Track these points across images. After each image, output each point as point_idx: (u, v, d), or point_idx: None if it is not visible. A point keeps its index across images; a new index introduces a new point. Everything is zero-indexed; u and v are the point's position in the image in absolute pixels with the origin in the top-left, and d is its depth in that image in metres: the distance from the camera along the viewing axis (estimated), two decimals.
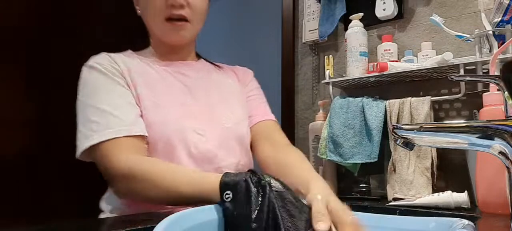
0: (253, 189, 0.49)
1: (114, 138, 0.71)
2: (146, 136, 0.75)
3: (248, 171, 0.54)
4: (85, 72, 0.80)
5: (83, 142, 0.72)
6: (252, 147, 0.91)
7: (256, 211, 0.47)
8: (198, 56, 0.98)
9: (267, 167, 0.83)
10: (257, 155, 0.89)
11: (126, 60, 0.83)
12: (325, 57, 1.41)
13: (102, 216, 0.83)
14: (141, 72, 0.82)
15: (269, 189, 0.48)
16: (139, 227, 0.56)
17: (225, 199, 0.52)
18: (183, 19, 0.82)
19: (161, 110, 0.78)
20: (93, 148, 0.71)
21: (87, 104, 0.76)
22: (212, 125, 0.82)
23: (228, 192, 0.52)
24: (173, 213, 0.47)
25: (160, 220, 0.43)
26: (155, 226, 0.40)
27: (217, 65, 0.98)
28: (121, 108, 0.75)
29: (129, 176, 0.67)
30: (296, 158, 0.81)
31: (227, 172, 0.56)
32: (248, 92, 0.97)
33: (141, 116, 0.77)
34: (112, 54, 0.84)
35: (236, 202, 0.51)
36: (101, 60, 0.81)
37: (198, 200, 0.59)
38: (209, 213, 0.52)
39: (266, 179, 0.50)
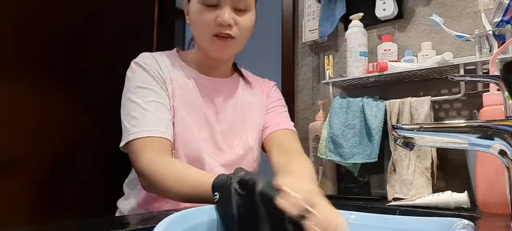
0: (234, 190, 0.49)
1: (149, 137, 0.79)
2: (172, 142, 0.84)
3: (236, 169, 0.55)
4: (133, 67, 0.88)
5: (125, 135, 0.81)
6: (268, 153, 0.97)
7: (238, 212, 0.47)
8: (235, 68, 1.03)
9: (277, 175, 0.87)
10: (271, 163, 0.94)
11: (169, 66, 0.90)
12: (325, 57, 1.41)
13: (122, 200, 0.96)
14: (181, 83, 0.89)
15: (252, 190, 0.48)
16: (139, 227, 0.56)
17: (214, 201, 0.53)
18: (229, 36, 0.86)
19: (186, 127, 0.86)
20: (129, 142, 0.80)
21: (130, 99, 0.84)
22: (227, 150, 0.91)
23: (216, 193, 0.53)
24: (172, 213, 0.47)
25: (160, 220, 0.43)
26: (155, 226, 0.40)
27: (247, 80, 1.03)
28: (159, 110, 0.83)
29: (147, 177, 0.77)
30: (300, 165, 0.85)
31: (221, 174, 0.59)
32: (268, 105, 1.02)
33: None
34: (157, 56, 0.90)
35: (222, 202, 0.51)
36: (148, 60, 0.88)
37: (203, 201, 0.63)
38: (209, 213, 0.52)
39: (251, 180, 0.49)
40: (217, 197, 0.52)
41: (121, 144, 0.83)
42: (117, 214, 0.98)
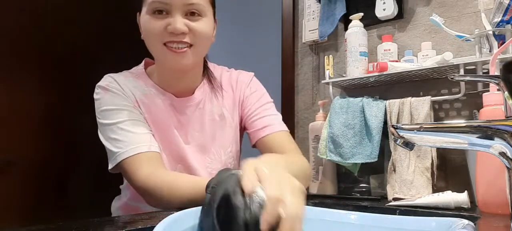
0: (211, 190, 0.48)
1: (137, 154, 0.79)
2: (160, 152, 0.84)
3: (220, 171, 0.53)
4: (100, 93, 0.86)
5: (111, 159, 0.82)
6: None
7: (215, 211, 0.46)
8: (204, 72, 0.96)
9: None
10: None
11: (132, 88, 0.87)
12: (325, 57, 1.41)
13: (116, 201, 0.97)
14: (147, 104, 0.87)
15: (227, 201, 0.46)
16: (139, 227, 0.56)
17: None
18: (185, 45, 0.80)
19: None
20: (119, 164, 0.80)
21: (106, 124, 0.82)
22: (199, 171, 0.90)
23: (208, 193, 0.52)
24: (173, 213, 0.47)
25: (160, 220, 0.43)
26: (155, 226, 0.40)
27: (217, 87, 0.96)
28: (138, 127, 0.83)
29: (145, 193, 0.78)
30: (292, 164, 0.82)
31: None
32: (250, 108, 0.96)
33: None
34: (120, 80, 0.87)
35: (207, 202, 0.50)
36: (111, 83, 0.86)
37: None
38: None
39: (223, 176, 0.48)
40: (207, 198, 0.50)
41: (110, 167, 0.82)
42: (113, 215, 0.99)
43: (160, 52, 0.82)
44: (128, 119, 0.82)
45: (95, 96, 0.86)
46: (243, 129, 1.00)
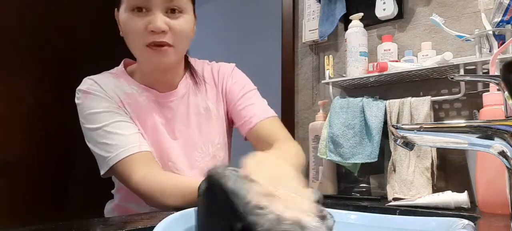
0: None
1: (128, 156, 0.77)
2: (151, 151, 0.83)
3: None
4: (81, 98, 0.83)
5: (102, 164, 0.80)
6: (254, 148, 0.92)
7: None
8: (186, 65, 0.95)
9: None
10: None
11: (113, 88, 0.85)
12: (325, 57, 1.41)
13: (109, 204, 0.95)
14: (131, 103, 0.85)
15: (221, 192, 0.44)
16: (139, 227, 0.56)
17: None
18: (165, 44, 0.79)
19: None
20: (111, 168, 0.78)
21: (92, 128, 0.80)
22: (188, 167, 0.89)
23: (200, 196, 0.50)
24: (172, 213, 0.47)
25: (160, 220, 0.43)
26: (155, 226, 0.40)
27: (199, 81, 0.95)
28: (126, 128, 0.81)
29: (142, 195, 0.77)
30: (284, 151, 0.82)
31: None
32: (234, 98, 0.94)
33: None
34: (101, 80, 0.85)
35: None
36: (92, 86, 0.83)
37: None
38: None
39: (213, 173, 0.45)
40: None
41: (102, 172, 0.80)
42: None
43: (141, 52, 0.81)
44: (114, 120, 0.80)
45: (76, 101, 0.84)
46: (231, 122, 0.99)
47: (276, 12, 1.74)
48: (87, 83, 0.84)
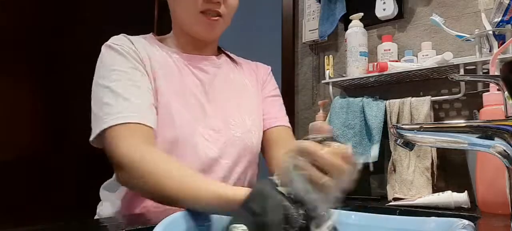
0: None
1: (125, 123, 0.67)
2: (155, 129, 0.71)
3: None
4: (103, 52, 0.76)
5: (95, 126, 0.69)
6: (263, 150, 0.88)
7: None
8: (220, 50, 0.94)
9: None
10: (268, 160, 0.87)
11: (146, 46, 0.79)
12: (325, 57, 1.41)
13: (99, 206, 0.82)
14: (162, 63, 0.78)
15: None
16: (139, 227, 0.56)
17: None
18: (218, 15, 0.77)
19: (172, 108, 0.75)
20: (103, 132, 0.67)
21: (101, 85, 0.71)
22: (221, 132, 0.79)
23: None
24: (171, 213, 0.47)
25: (160, 220, 0.43)
26: (155, 226, 0.40)
27: (237, 62, 0.94)
28: (136, 94, 0.71)
29: (129, 169, 0.63)
30: None
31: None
32: (266, 93, 0.93)
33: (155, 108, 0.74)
34: (133, 38, 0.79)
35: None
36: (120, 42, 0.76)
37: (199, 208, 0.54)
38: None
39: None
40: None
41: (92, 137, 0.70)
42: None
43: (193, 19, 0.78)
44: (128, 83, 0.71)
45: (100, 55, 0.76)
46: None
47: (276, 12, 1.74)
48: (115, 38, 0.78)
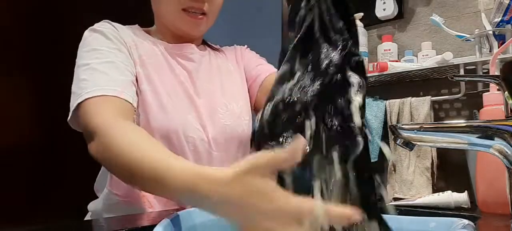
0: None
1: (102, 95, 0.62)
2: (134, 107, 0.68)
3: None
4: (86, 35, 0.74)
5: (73, 102, 0.65)
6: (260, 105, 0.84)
7: None
8: (204, 42, 0.93)
9: None
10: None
11: (132, 35, 0.77)
12: None
13: (91, 204, 0.79)
14: (150, 53, 0.76)
15: None
16: (139, 227, 0.56)
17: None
18: (202, 13, 0.76)
19: (161, 97, 0.72)
20: (79, 106, 0.63)
21: (81, 64, 0.68)
22: (211, 121, 0.77)
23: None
24: (171, 214, 0.47)
25: (160, 220, 0.43)
26: (155, 226, 0.40)
27: (220, 50, 0.93)
28: (115, 69, 0.67)
29: (99, 137, 0.57)
30: None
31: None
32: (250, 65, 0.92)
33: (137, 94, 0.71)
34: (117, 24, 0.77)
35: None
36: (105, 26, 0.74)
37: (161, 193, 0.50)
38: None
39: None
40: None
41: (69, 117, 0.66)
42: (86, 218, 0.81)
43: (175, 17, 0.76)
44: (107, 60, 0.68)
45: (82, 39, 0.74)
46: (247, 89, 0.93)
47: (276, 12, 1.74)
48: (100, 23, 0.75)
